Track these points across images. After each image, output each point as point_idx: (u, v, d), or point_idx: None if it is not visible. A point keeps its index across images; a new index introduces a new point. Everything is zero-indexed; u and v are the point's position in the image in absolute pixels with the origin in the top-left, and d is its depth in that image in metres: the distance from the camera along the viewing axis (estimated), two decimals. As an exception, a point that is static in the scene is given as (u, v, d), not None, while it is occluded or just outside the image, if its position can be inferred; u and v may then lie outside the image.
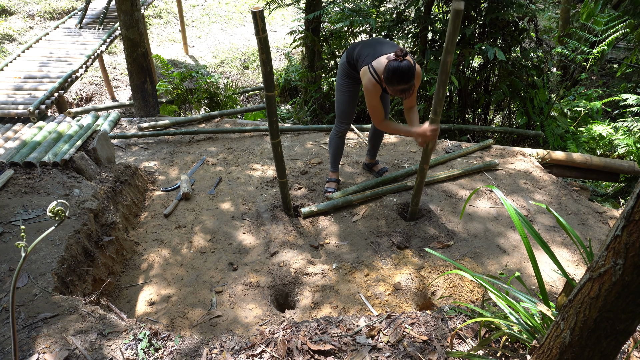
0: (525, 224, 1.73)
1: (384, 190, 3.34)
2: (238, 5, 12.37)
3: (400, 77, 2.43)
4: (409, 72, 2.42)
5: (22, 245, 1.20)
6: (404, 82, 2.45)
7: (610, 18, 4.97)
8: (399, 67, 2.40)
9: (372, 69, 2.61)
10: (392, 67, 2.42)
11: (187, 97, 6.36)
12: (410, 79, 2.45)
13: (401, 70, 2.41)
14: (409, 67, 2.42)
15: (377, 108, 2.70)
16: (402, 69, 2.41)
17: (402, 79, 2.43)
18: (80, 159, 3.02)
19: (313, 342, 1.70)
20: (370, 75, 2.62)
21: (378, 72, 2.59)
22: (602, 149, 4.95)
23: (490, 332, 1.72)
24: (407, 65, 2.41)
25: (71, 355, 1.63)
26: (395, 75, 2.42)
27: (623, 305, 1.04)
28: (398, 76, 2.42)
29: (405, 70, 2.41)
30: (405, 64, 2.40)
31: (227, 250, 2.87)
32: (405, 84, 2.46)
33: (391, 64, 2.43)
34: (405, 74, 2.42)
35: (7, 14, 9.86)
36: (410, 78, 2.44)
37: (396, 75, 2.42)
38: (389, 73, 2.44)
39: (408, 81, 2.45)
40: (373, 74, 2.61)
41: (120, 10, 4.89)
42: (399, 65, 2.40)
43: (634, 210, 0.94)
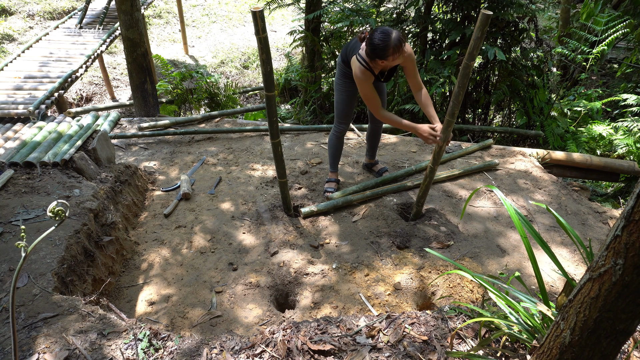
0: (525, 224, 1.73)
1: (384, 190, 3.34)
2: (238, 5, 12.37)
3: (382, 38, 2.34)
4: (387, 30, 2.36)
5: (22, 245, 1.20)
6: (387, 44, 2.35)
7: (610, 18, 4.97)
8: (376, 30, 2.38)
9: (360, 57, 2.57)
10: (370, 34, 2.39)
11: (187, 97, 6.36)
12: (391, 38, 2.35)
13: (380, 31, 2.36)
14: (387, 28, 2.38)
15: (371, 96, 2.64)
16: (380, 29, 2.37)
17: (383, 40, 2.34)
18: (80, 159, 3.02)
19: (313, 342, 1.70)
20: (359, 63, 2.57)
21: (365, 58, 2.55)
22: (602, 149, 4.96)
23: (490, 332, 1.72)
24: (384, 27, 2.39)
25: (71, 355, 1.63)
26: (375, 38, 2.35)
27: (623, 305, 1.04)
28: (378, 38, 2.34)
29: (384, 30, 2.36)
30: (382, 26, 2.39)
31: (227, 250, 2.87)
32: (389, 45, 2.36)
33: (367, 41, 2.41)
34: (384, 32, 2.35)
35: (7, 14, 9.86)
36: (390, 36, 2.35)
37: (375, 38, 2.35)
38: (369, 43, 2.38)
39: (389, 40, 2.35)
40: (361, 61, 2.57)
41: (120, 10, 4.89)
42: (374, 30, 2.39)
43: (634, 210, 0.94)
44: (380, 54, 2.39)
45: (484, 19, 2.06)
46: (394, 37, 2.36)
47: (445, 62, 4.95)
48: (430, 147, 4.18)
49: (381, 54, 2.38)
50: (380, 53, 2.38)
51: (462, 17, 5.07)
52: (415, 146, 4.18)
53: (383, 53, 2.38)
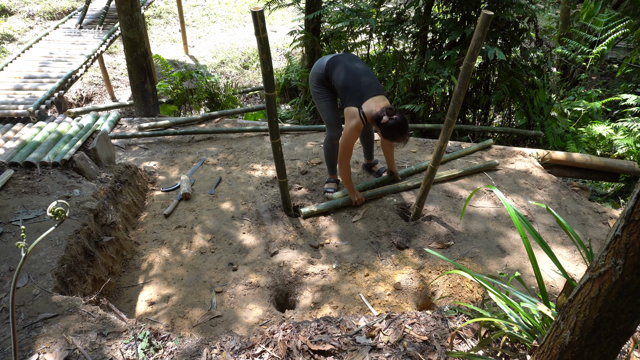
0: (525, 224, 1.73)
1: (384, 190, 3.34)
2: (238, 5, 12.37)
3: (402, 131, 2.71)
4: (406, 123, 2.72)
5: (22, 245, 1.20)
6: (405, 134, 2.74)
7: (610, 18, 4.97)
8: (399, 124, 2.67)
9: (362, 113, 2.79)
10: (394, 124, 2.67)
11: (187, 97, 6.36)
12: (408, 129, 2.76)
13: (402, 126, 2.69)
14: (405, 120, 2.72)
15: (350, 147, 2.91)
16: (401, 125, 2.68)
17: (403, 132, 2.72)
18: (80, 159, 3.02)
19: (313, 342, 1.70)
20: (359, 119, 2.80)
21: (367, 115, 2.78)
22: (602, 149, 4.95)
23: (490, 332, 1.72)
24: (403, 119, 2.69)
25: (71, 355, 1.63)
26: (399, 130, 2.70)
27: (623, 305, 1.04)
28: (400, 130, 2.70)
29: (404, 125, 2.70)
30: (400, 118, 2.68)
31: (227, 250, 2.87)
32: (406, 134, 2.75)
33: (391, 123, 2.67)
34: (405, 127, 2.71)
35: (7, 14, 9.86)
36: (408, 128, 2.75)
37: (399, 130, 2.70)
38: (391, 130, 2.68)
39: (408, 131, 2.77)
40: (362, 117, 2.79)
41: (120, 10, 4.89)
42: (398, 122, 2.67)
43: (634, 210, 0.94)
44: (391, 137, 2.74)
45: (484, 19, 2.06)
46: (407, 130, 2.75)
47: (445, 62, 4.95)
48: (430, 147, 4.18)
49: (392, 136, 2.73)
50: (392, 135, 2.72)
51: (462, 17, 5.07)
52: (415, 146, 4.18)
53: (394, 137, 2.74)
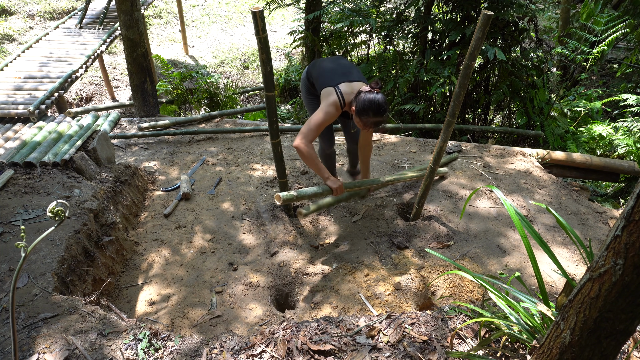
0: (525, 224, 1.73)
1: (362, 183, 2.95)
2: (238, 5, 12.37)
3: (377, 109, 2.36)
4: (385, 104, 2.37)
5: (22, 245, 1.20)
6: (379, 114, 2.39)
7: (610, 18, 4.97)
8: (376, 99, 2.35)
9: (339, 92, 2.52)
10: (369, 98, 2.36)
11: (187, 97, 6.36)
12: (385, 112, 2.39)
13: (378, 102, 2.35)
14: (385, 100, 2.38)
15: (319, 128, 2.52)
16: (379, 101, 2.35)
17: (378, 111, 2.37)
18: (80, 159, 3.02)
19: (313, 342, 1.70)
20: (336, 97, 2.51)
21: (345, 96, 2.51)
22: (602, 149, 4.95)
23: (490, 332, 1.72)
24: (383, 97, 2.37)
25: (71, 355, 1.63)
26: (372, 107, 2.35)
27: (623, 305, 1.04)
28: (375, 108, 2.35)
29: (382, 103, 2.36)
30: (382, 96, 2.37)
31: (227, 250, 2.87)
32: (380, 116, 2.39)
33: (368, 95, 2.36)
34: (382, 106, 2.36)
35: (7, 14, 9.86)
36: (385, 111, 2.39)
37: (373, 107, 2.35)
38: (365, 104, 2.35)
39: (383, 113, 2.39)
40: (339, 95, 2.51)
41: (120, 10, 4.89)
42: (376, 97, 2.35)
43: (634, 210, 0.94)
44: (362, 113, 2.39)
45: (485, 20, 2.06)
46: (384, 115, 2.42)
47: (445, 62, 4.95)
48: (430, 147, 4.18)
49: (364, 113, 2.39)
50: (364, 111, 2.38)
51: (462, 17, 5.07)
52: (415, 146, 4.18)
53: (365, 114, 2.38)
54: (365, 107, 2.36)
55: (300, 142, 2.49)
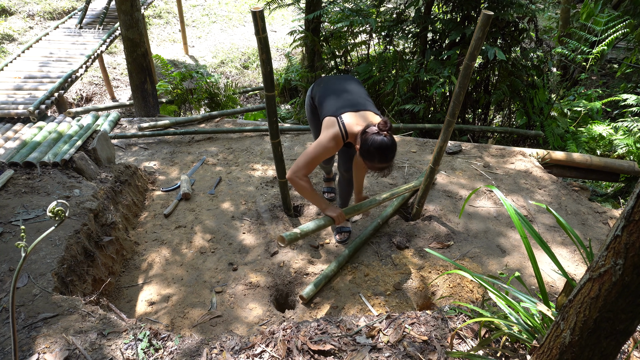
0: (525, 224, 1.73)
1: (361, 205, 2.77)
2: (238, 5, 12.37)
3: (384, 156, 2.07)
4: (393, 150, 2.08)
5: (22, 245, 1.20)
6: (387, 161, 2.09)
7: (610, 18, 4.97)
8: (384, 143, 2.04)
9: (342, 123, 2.23)
10: (377, 141, 2.04)
11: (187, 97, 6.36)
12: (392, 158, 2.11)
13: (387, 147, 2.05)
14: (394, 144, 2.08)
15: (314, 162, 2.29)
16: (387, 145, 2.05)
17: (385, 158, 2.08)
18: (80, 159, 3.02)
19: (313, 342, 1.70)
20: (338, 130, 2.23)
21: (348, 128, 2.22)
22: (602, 149, 4.95)
23: (490, 332, 1.72)
24: (392, 141, 2.07)
25: (71, 355, 1.63)
26: (380, 152, 2.06)
27: (623, 305, 1.04)
28: (382, 154, 2.06)
29: (391, 148, 2.06)
30: (390, 139, 2.06)
31: (227, 250, 2.87)
32: (387, 162, 2.10)
33: (376, 138, 2.05)
34: (391, 151, 2.07)
35: (7, 14, 9.86)
36: (393, 157, 2.11)
37: (380, 153, 2.06)
38: (371, 148, 2.06)
39: (391, 160, 2.10)
40: (341, 128, 2.23)
41: (120, 10, 4.89)
42: (384, 141, 2.04)
43: (634, 210, 0.94)
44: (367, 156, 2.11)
45: (485, 19, 2.06)
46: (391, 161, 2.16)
47: (445, 62, 4.95)
48: (430, 147, 4.18)
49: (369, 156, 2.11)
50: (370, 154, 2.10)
51: (462, 17, 5.07)
52: (415, 146, 4.18)
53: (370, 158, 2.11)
54: (371, 151, 2.07)
55: (293, 175, 2.30)
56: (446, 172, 3.69)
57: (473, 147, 4.18)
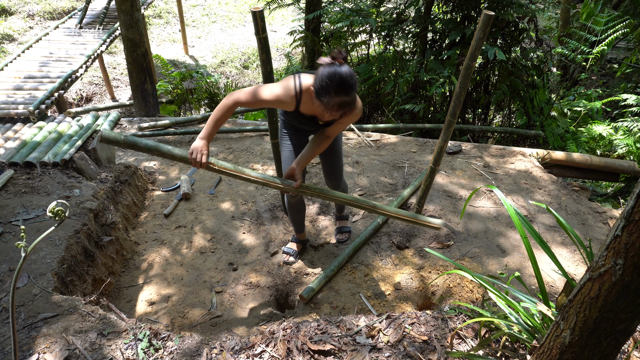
0: (525, 224, 1.73)
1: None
2: (238, 5, 12.37)
3: (340, 85, 1.79)
4: (351, 79, 1.81)
5: (22, 245, 1.20)
6: (344, 92, 1.80)
7: (610, 18, 4.97)
8: (338, 72, 1.78)
9: (298, 80, 1.99)
10: (329, 71, 1.79)
11: (187, 97, 6.36)
12: (353, 89, 1.83)
13: (340, 76, 1.78)
14: (351, 74, 1.82)
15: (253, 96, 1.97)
16: (341, 74, 1.78)
17: (341, 87, 1.79)
18: (80, 159, 3.02)
19: (313, 342, 1.70)
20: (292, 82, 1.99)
21: (304, 85, 1.98)
22: (602, 149, 4.96)
23: (490, 332, 1.72)
24: (348, 70, 1.81)
25: (71, 355, 1.63)
26: (334, 82, 1.78)
27: (623, 305, 1.04)
28: (337, 82, 1.78)
29: (346, 76, 1.79)
30: (346, 68, 1.81)
31: (227, 250, 2.87)
32: (346, 94, 1.81)
33: (327, 69, 1.80)
34: (347, 80, 1.79)
35: (7, 14, 9.86)
36: (353, 88, 1.83)
37: (335, 82, 1.78)
38: (324, 79, 1.79)
39: (350, 91, 1.81)
40: (296, 81, 1.99)
41: (120, 10, 4.89)
42: (337, 70, 1.79)
43: (634, 210, 0.94)
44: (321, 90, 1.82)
45: (485, 20, 2.07)
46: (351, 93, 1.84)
47: (445, 62, 4.95)
48: (430, 147, 4.18)
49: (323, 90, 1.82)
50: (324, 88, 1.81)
51: (462, 17, 5.07)
52: (415, 146, 4.18)
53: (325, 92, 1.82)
54: (324, 83, 1.79)
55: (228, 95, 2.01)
56: (446, 172, 3.69)
57: (473, 147, 4.18)
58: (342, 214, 2.98)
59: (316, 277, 2.56)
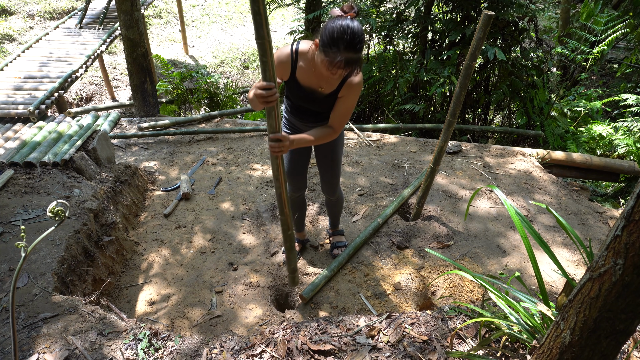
0: (525, 224, 1.73)
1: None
2: (238, 5, 12.37)
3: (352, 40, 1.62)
4: (360, 33, 1.65)
5: (22, 245, 1.20)
6: (353, 49, 1.64)
7: (610, 18, 4.97)
8: (350, 25, 1.62)
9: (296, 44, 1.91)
10: (341, 24, 1.63)
11: (187, 97, 6.36)
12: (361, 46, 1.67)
13: (352, 29, 1.62)
14: (361, 29, 1.67)
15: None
16: (354, 29, 1.62)
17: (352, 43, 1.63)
18: (80, 159, 3.02)
19: (313, 342, 1.70)
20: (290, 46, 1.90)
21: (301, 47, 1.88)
22: (602, 149, 4.95)
23: (490, 332, 1.72)
24: (359, 26, 1.66)
25: (71, 355, 1.63)
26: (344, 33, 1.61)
27: (623, 305, 1.04)
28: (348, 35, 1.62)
29: (357, 30, 1.63)
30: (358, 24, 1.65)
31: (227, 250, 2.87)
32: (354, 51, 1.65)
33: (339, 20, 1.64)
34: (358, 36, 1.63)
35: (7, 14, 9.86)
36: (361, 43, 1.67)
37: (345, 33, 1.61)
38: (334, 30, 1.63)
39: (358, 48, 1.66)
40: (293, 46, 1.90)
41: (120, 10, 4.89)
42: (350, 24, 1.62)
43: (634, 210, 0.94)
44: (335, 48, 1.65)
45: (486, 20, 2.07)
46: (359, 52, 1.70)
47: (445, 62, 4.95)
48: (430, 147, 4.18)
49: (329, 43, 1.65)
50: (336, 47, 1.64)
51: (462, 17, 5.07)
52: (415, 146, 4.18)
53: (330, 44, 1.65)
54: (333, 34, 1.62)
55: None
56: (446, 172, 3.69)
57: (473, 147, 4.18)
58: (337, 229, 2.85)
59: (316, 277, 2.56)
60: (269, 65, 1.54)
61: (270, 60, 1.54)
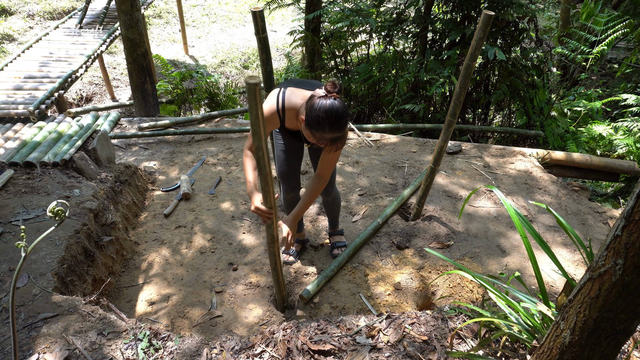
0: (525, 224, 1.73)
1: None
2: (238, 5, 12.37)
3: (335, 121, 1.73)
4: (345, 115, 1.76)
5: (22, 245, 1.20)
6: (337, 129, 1.75)
7: (610, 18, 4.97)
8: (335, 107, 1.72)
9: (282, 95, 1.96)
10: (325, 105, 1.72)
11: (187, 97, 6.36)
12: (345, 125, 1.78)
13: (337, 112, 1.72)
14: (345, 109, 1.77)
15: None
16: (337, 110, 1.73)
17: (336, 124, 1.74)
18: (80, 159, 3.02)
19: (313, 342, 1.70)
20: (274, 100, 1.96)
21: (287, 100, 1.96)
22: (602, 149, 4.96)
23: (490, 332, 1.72)
24: (342, 104, 1.76)
25: (71, 355, 1.63)
26: (329, 117, 1.72)
27: (623, 305, 1.04)
28: (333, 119, 1.72)
29: (341, 112, 1.74)
30: (340, 102, 1.76)
31: (227, 250, 2.87)
32: (339, 130, 1.76)
33: (323, 102, 1.73)
34: (343, 117, 1.74)
35: (7, 14, 9.86)
36: (345, 124, 1.78)
37: (330, 117, 1.72)
38: (318, 114, 1.73)
39: (342, 127, 1.77)
40: (279, 99, 1.96)
41: (120, 10, 4.89)
42: (333, 104, 1.73)
43: (634, 210, 0.94)
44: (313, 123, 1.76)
45: (486, 20, 2.07)
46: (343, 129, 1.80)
47: (445, 62, 4.95)
48: (430, 147, 4.18)
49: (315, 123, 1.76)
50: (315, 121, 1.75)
51: (462, 17, 5.07)
52: (415, 146, 4.18)
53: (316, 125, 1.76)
54: (319, 118, 1.73)
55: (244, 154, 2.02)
56: (446, 172, 3.69)
57: (473, 147, 4.18)
58: (337, 229, 2.85)
59: (316, 277, 2.56)
60: (270, 194, 1.72)
61: (271, 189, 1.70)
